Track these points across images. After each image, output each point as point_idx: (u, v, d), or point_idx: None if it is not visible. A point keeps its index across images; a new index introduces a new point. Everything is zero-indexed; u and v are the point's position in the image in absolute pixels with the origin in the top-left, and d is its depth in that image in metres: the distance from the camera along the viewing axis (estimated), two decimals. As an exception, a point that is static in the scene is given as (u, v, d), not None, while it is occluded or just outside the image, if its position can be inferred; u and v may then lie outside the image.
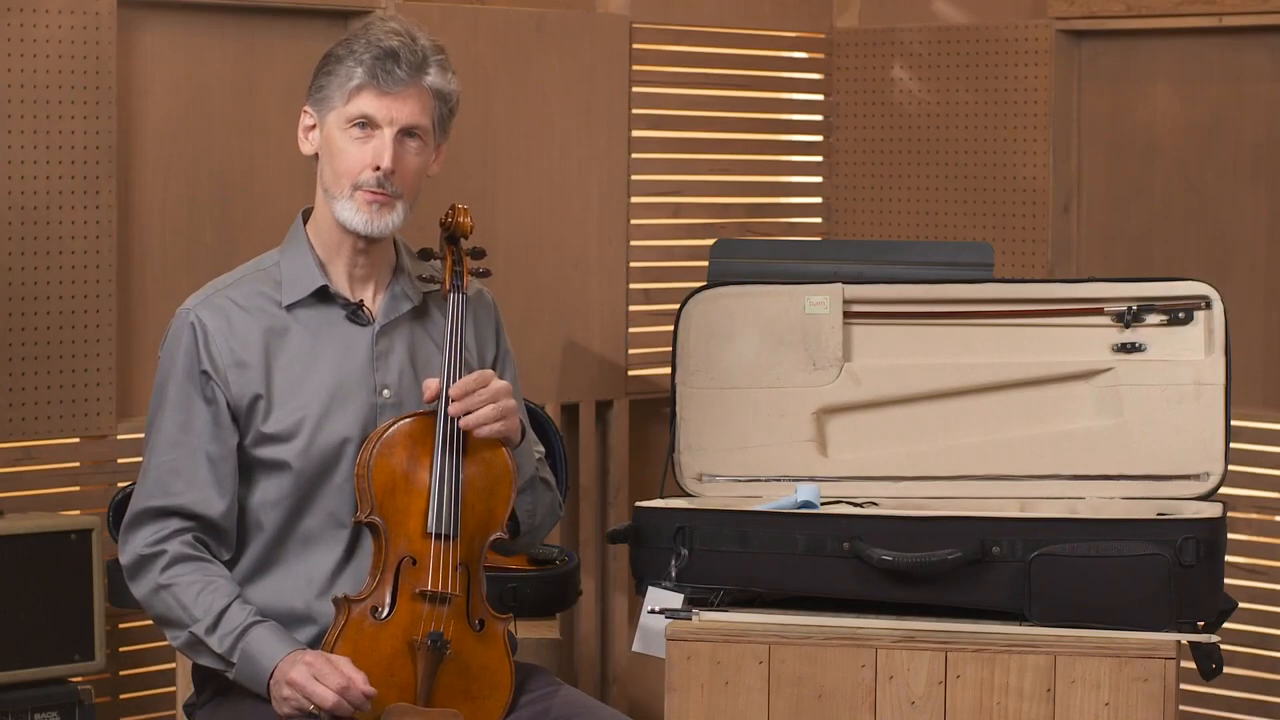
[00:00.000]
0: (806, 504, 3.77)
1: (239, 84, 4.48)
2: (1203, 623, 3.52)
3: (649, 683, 4.96)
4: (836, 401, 4.00)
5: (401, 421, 3.18)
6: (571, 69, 4.93)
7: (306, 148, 3.26)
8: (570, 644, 4.93)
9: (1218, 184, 4.98)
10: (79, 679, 4.03)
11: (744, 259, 4.20)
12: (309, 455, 3.19)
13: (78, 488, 4.28)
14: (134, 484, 3.34)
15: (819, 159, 5.45)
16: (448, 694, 3.13)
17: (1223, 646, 3.51)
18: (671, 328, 4.04)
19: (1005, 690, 3.39)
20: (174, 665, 4.18)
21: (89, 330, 4.23)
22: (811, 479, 3.92)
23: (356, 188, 3.18)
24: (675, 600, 3.62)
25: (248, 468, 3.21)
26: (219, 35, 4.44)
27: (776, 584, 3.64)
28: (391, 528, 3.14)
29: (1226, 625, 3.75)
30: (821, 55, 5.43)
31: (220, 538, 3.20)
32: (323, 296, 3.24)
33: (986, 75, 5.17)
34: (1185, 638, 3.45)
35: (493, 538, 3.22)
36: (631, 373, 5.08)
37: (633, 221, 5.08)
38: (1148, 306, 3.91)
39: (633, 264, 5.08)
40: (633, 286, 5.07)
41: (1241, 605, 3.94)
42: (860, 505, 3.83)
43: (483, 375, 3.19)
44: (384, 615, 3.11)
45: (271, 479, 3.20)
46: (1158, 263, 5.02)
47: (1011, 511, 3.76)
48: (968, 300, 4.00)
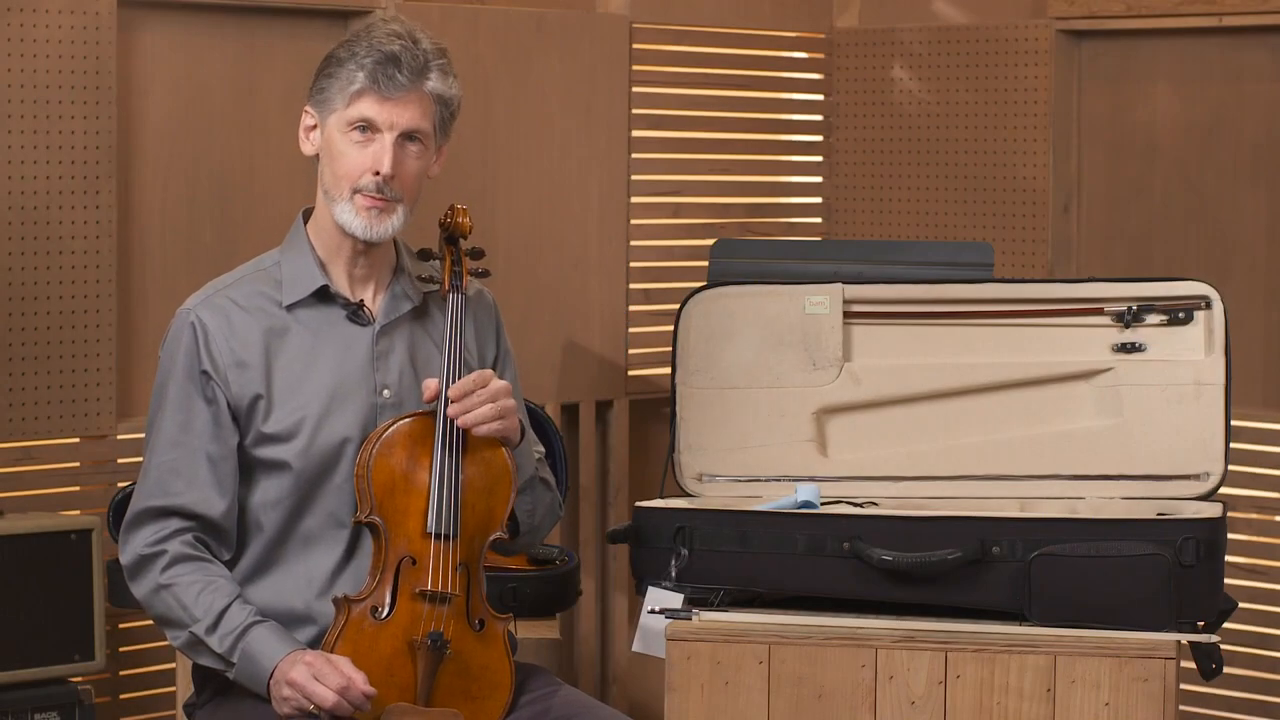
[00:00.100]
0: (806, 504, 3.77)
1: (239, 84, 4.47)
2: (1203, 623, 3.52)
3: (649, 683, 4.96)
4: (836, 401, 4.00)
5: (401, 421, 3.18)
6: (571, 69, 4.93)
7: (307, 148, 3.26)
8: (570, 644, 4.93)
9: (1218, 184, 4.98)
10: (79, 679, 4.03)
11: (744, 259, 4.20)
12: (309, 455, 3.18)
13: (78, 488, 4.27)
14: (134, 484, 3.34)
15: (819, 159, 5.45)
16: (448, 694, 3.13)
17: (1223, 646, 3.51)
18: (671, 328, 4.04)
19: (1005, 690, 3.39)
20: (174, 665, 4.18)
21: (89, 330, 4.23)
22: (811, 479, 3.92)
23: (356, 191, 3.18)
24: (675, 600, 3.62)
25: (248, 468, 3.21)
26: (219, 35, 4.44)
27: (776, 584, 3.64)
28: (391, 528, 3.14)
29: (1226, 625, 3.75)
30: (821, 55, 5.42)
31: (220, 538, 3.20)
32: (323, 296, 3.24)
33: (986, 75, 5.17)
34: (1185, 638, 3.45)
35: (492, 538, 3.21)
36: (631, 373, 5.07)
37: (633, 221, 5.08)
38: (1148, 306, 3.91)
39: (633, 264, 5.07)
40: (633, 286, 5.07)
41: (1241, 605, 3.94)
42: (860, 505, 3.83)
43: (482, 375, 3.19)
44: (384, 615, 3.11)
45: (272, 479, 3.20)
46: (1158, 263, 5.02)
47: (1011, 511, 3.76)
48: (968, 300, 3.99)
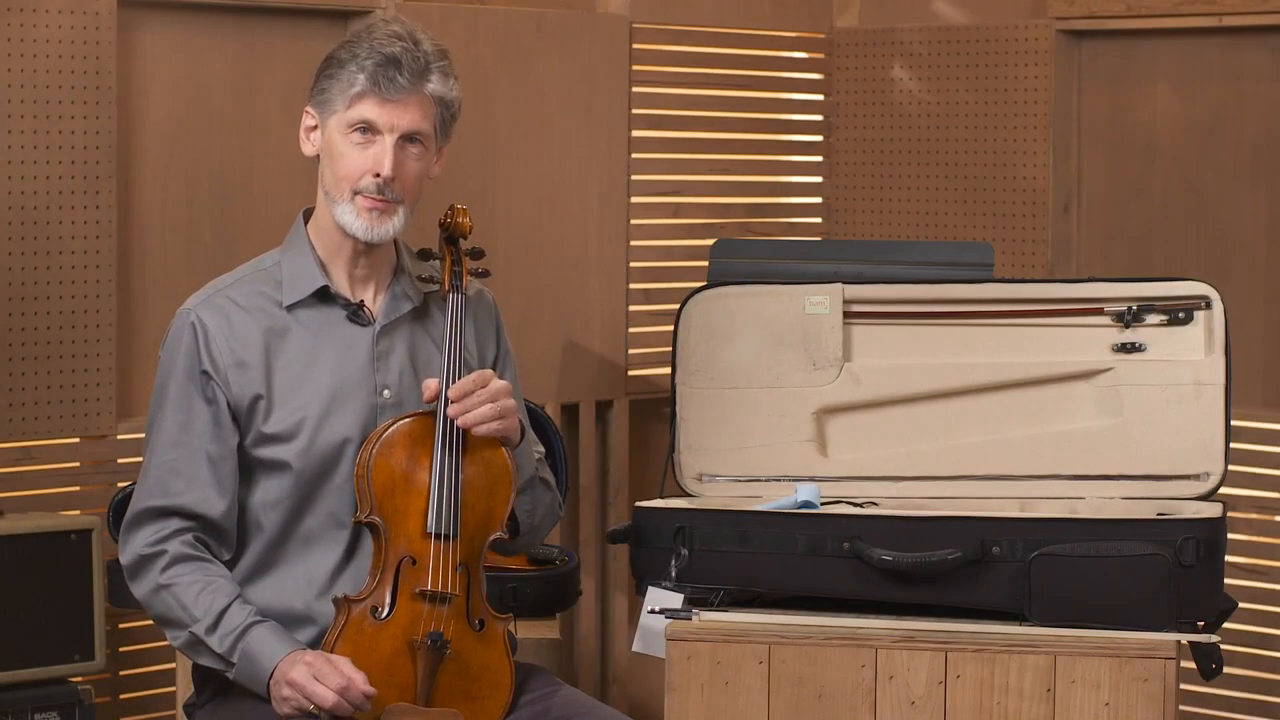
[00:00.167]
0: (806, 504, 3.77)
1: (239, 84, 4.47)
2: (1203, 623, 3.51)
3: (649, 683, 4.96)
4: (836, 401, 4.00)
5: (401, 421, 3.18)
6: (571, 69, 4.93)
7: (308, 148, 3.26)
8: (570, 644, 4.93)
9: (1218, 184, 4.98)
10: (79, 679, 4.03)
11: (744, 259, 4.20)
12: (309, 455, 3.18)
13: (78, 488, 4.27)
14: (134, 484, 3.34)
15: (819, 159, 5.45)
16: (448, 694, 3.13)
17: (1223, 646, 3.51)
18: (671, 328, 4.04)
19: (1005, 690, 3.39)
20: (174, 665, 4.18)
21: (89, 330, 4.23)
22: (811, 479, 3.92)
23: (357, 193, 3.18)
24: (675, 600, 3.62)
25: (248, 468, 3.21)
26: (219, 35, 4.44)
27: (776, 584, 3.64)
28: (391, 528, 3.14)
29: (1226, 625, 3.75)
30: (821, 55, 5.42)
31: (220, 538, 3.20)
32: (323, 297, 3.24)
33: (986, 75, 5.17)
34: (1185, 638, 3.45)
35: (492, 538, 3.21)
36: (631, 373, 5.07)
37: (633, 221, 5.08)
38: (1148, 306, 3.91)
39: (633, 264, 5.07)
40: (633, 286, 5.07)
41: (1241, 605, 3.94)
42: (860, 505, 3.83)
43: (482, 375, 3.19)
44: (384, 615, 3.11)
45: (272, 479, 3.20)
46: (1158, 263, 5.02)
47: (1011, 511, 3.76)
48: (968, 300, 3.99)
